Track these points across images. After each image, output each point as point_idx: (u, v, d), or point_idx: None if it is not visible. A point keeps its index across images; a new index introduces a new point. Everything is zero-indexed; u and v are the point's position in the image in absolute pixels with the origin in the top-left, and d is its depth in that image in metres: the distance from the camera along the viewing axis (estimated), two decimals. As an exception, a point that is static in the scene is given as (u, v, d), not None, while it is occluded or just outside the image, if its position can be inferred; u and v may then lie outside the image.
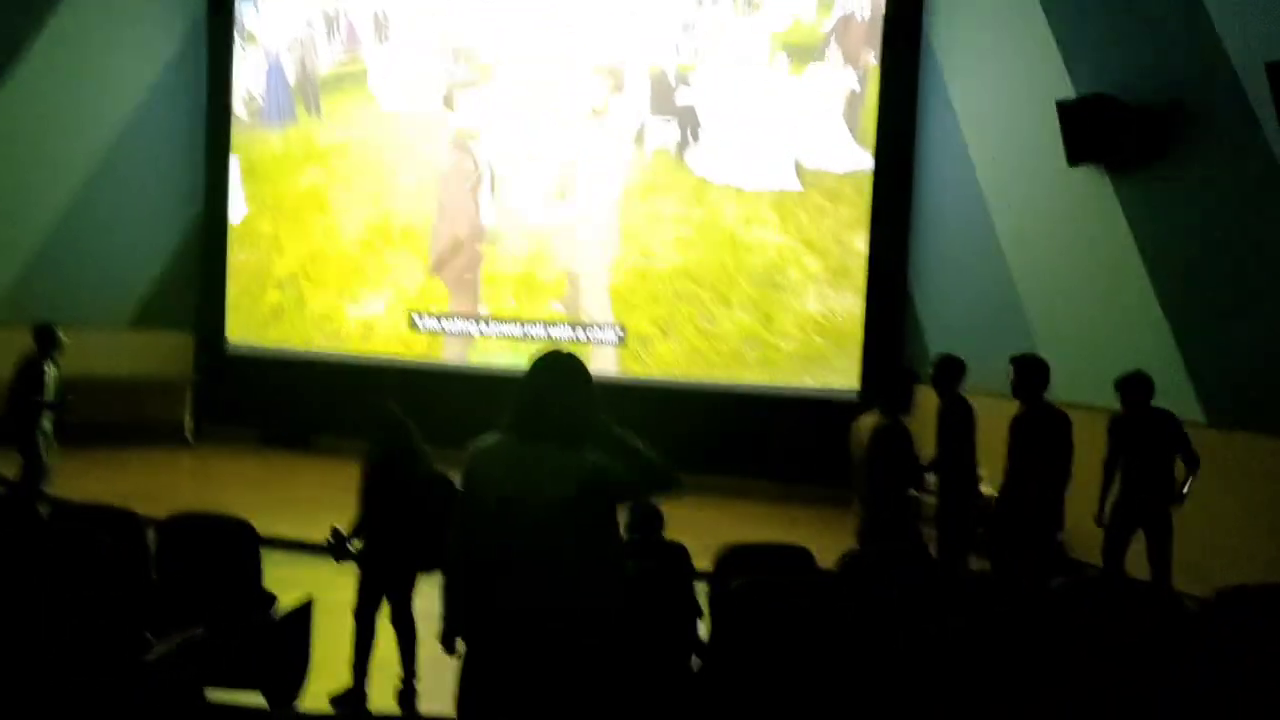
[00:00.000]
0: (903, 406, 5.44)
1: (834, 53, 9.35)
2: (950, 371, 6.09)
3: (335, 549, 4.85)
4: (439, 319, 10.38)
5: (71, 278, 10.52)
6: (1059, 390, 7.01)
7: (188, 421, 10.80)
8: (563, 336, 9.87)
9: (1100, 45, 7.35)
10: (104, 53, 10.70)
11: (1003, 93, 8.25)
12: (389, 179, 10.70)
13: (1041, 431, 5.78)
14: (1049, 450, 5.75)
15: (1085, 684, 3.68)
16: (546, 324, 10.01)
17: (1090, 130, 7.14)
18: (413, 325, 10.47)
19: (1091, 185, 7.34)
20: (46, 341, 7.19)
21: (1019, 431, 5.81)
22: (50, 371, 7.17)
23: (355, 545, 4.88)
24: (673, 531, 4.62)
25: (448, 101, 10.44)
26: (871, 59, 9.23)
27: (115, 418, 9.95)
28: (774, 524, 8.23)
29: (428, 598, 3.46)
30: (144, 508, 6.73)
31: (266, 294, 11.05)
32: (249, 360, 10.99)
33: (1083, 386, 7.18)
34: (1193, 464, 5.88)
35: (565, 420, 2.97)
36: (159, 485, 8.69)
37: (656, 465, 3.03)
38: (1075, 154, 7.25)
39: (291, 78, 11.08)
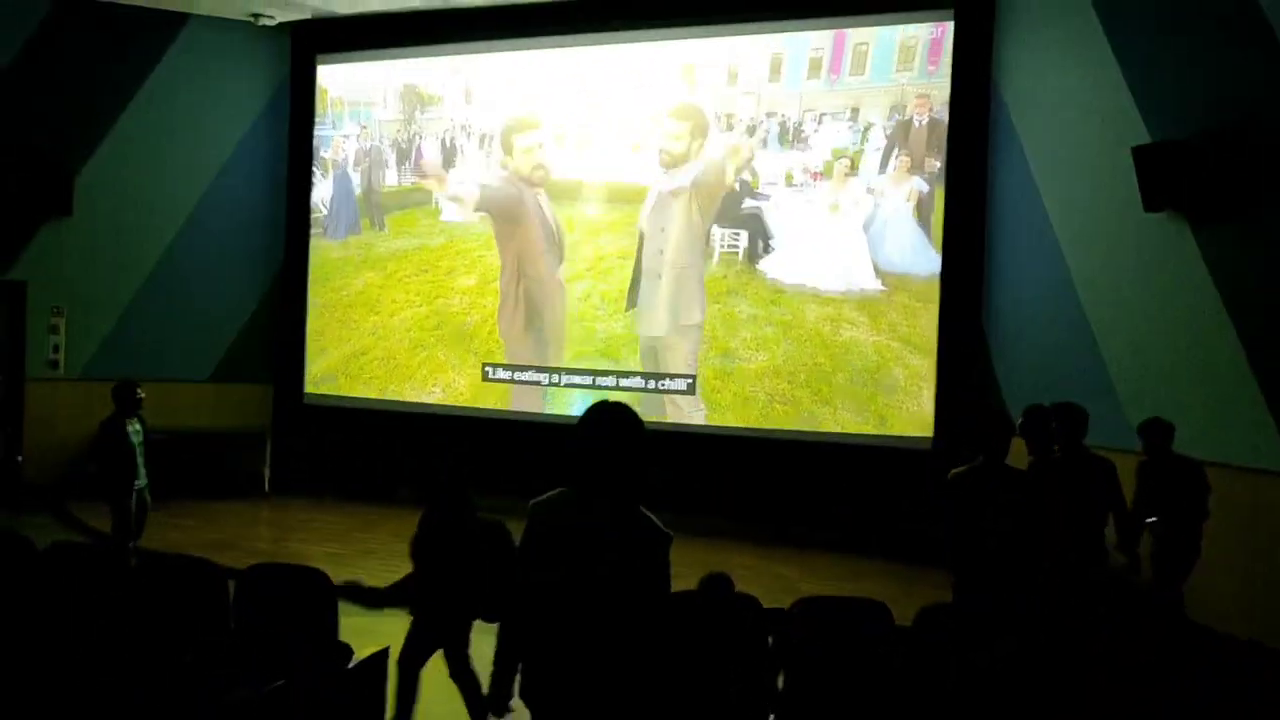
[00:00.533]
0: (998, 454, 5.27)
1: (897, 161, 9.21)
2: (1042, 423, 5.97)
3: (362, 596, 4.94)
4: (511, 370, 10.47)
5: (157, 333, 10.90)
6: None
7: (266, 472, 11.00)
8: (634, 385, 9.91)
9: (1175, 90, 7.25)
10: (192, 116, 11.12)
11: (1077, 142, 8.14)
12: (445, 281, 10.90)
13: (1073, 477, 5.68)
14: (1081, 495, 5.64)
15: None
16: (618, 375, 10.04)
17: (1166, 176, 7.02)
18: (485, 377, 10.58)
19: (1170, 232, 7.20)
20: (124, 399, 7.39)
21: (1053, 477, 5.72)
22: (131, 428, 7.34)
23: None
24: (744, 584, 4.58)
25: (506, 146, 10.62)
26: (937, 164, 9.04)
27: (197, 469, 10.19)
28: (848, 576, 8.13)
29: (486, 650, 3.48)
30: (224, 558, 6.90)
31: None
32: (327, 411, 11.22)
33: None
34: (1202, 516, 5.97)
35: (623, 474, 2.98)
36: (239, 535, 8.86)
37: None
38: (1152, 200, 7.14)
39: (358, 189, 11.41)
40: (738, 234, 9.76)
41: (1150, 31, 7.49)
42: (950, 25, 9.03)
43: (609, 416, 3.04)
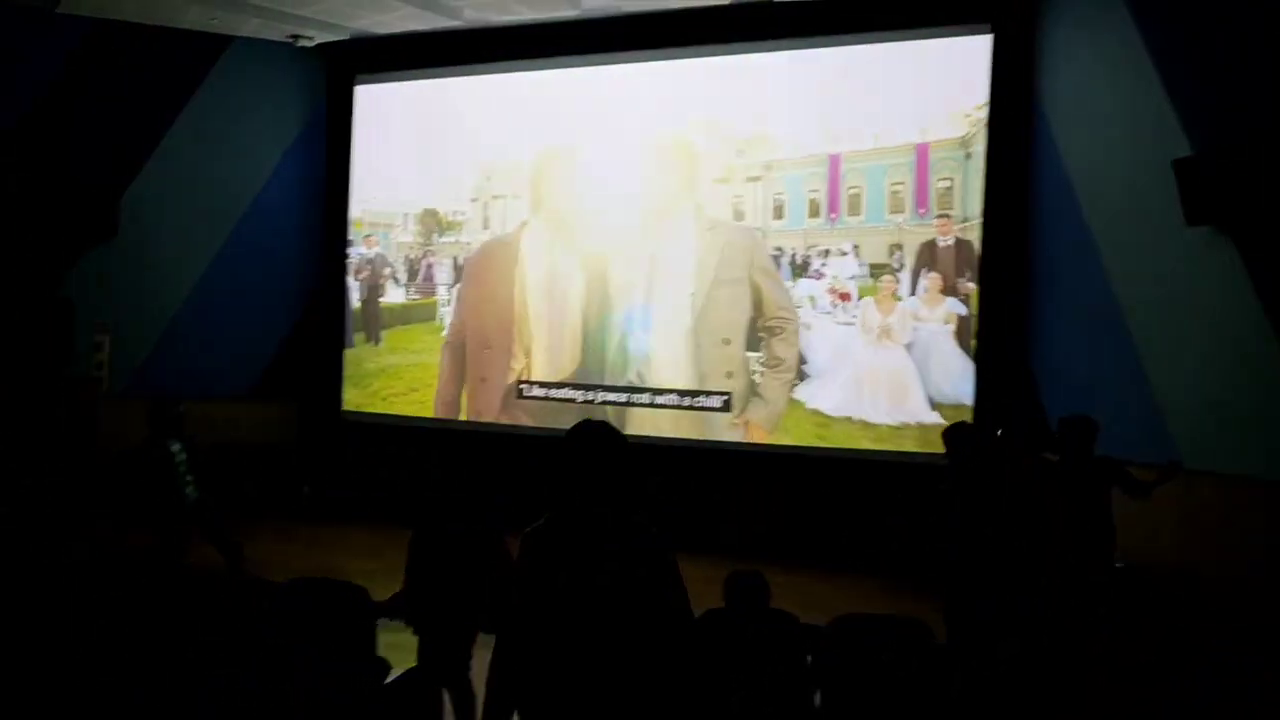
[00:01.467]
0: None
1: (926, 281, 9.08)
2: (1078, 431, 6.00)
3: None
4: (546, 388, 10.47)
5: (197, 351, 11.01)
6: (1188, 458, 6.76)
7: (304, 488, 11.05)
8: (668, 403, 9.87)
9: (1216, 100, 7.16)
10: (232, 136, 11.27)
11: (1118, 155, 8.04)
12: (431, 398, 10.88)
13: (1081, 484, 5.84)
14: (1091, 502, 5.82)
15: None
16: (653, 392, 10.00)
17: (1208, 188, 6.93)
18: (519, 395, 10.57)
19: (1213, 245, 7.09)
20: (164, 420, 7.33)
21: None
22: (174, 448, 7.32)
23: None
24: (777, 601, 4.54)
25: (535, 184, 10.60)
26: (970, 285, 8.91)
27: (234, 485, 10.23)
28: (889, 596, 8.03)
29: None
30: (263, 573, 6.92)
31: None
32: (365, 428, 11.27)
33: (1212, 453, 6.91)
34: (1141, 490, 6.00)
35: (617, 485, 2.99)
36: (275, 551, 8.89)
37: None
38: (1193, 214, 7.04)
39: (356, 301, 11.44)
40: (762, 358, 9.57)
41: (1189, 41, 7.41)
42: (986, 44, 8.98)
43: (592, 430, 3.10)
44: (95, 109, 10.63)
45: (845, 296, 9.33)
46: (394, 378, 11.14)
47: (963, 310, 8.95)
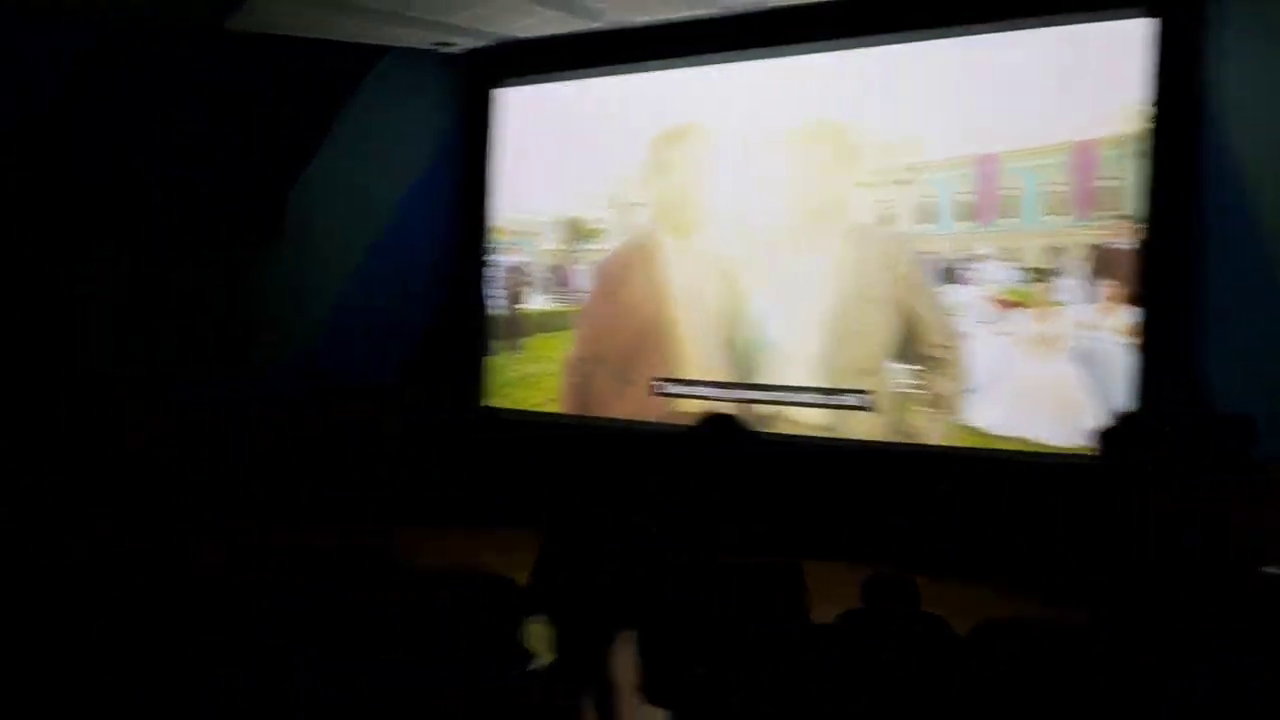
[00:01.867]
0: None
1: (1099, 290, 8.49)
2: None
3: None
4: (683, 384, 10.42)
5: (344, 348, 11.35)
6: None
7: (446, 483, 11.25)
8: (808, 401, 9.71)
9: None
10: (379, 145, 11.59)
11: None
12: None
13: None
14: None
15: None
16: (792, 389, 9.83)
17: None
18: (652, 392, 10.53)
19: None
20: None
21: None
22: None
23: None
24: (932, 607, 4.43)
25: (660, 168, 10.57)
26: (1141, 287, 8.28)
27: (375, 480, 10.50)
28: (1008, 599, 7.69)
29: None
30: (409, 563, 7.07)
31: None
32: (508, 424, 11.38)
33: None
34: None
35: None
36: (419, 545, 9.08)
37: None
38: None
39: (497, 308, 11.52)
40: (919, 392, 9.13)
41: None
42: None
43: (725, 426, 3.10)
44: (254, 117, 11.04)
45: (1010, 305, 8.84)
46: (532, 388, 11.19)
47: (1141, 317, 8.38)
